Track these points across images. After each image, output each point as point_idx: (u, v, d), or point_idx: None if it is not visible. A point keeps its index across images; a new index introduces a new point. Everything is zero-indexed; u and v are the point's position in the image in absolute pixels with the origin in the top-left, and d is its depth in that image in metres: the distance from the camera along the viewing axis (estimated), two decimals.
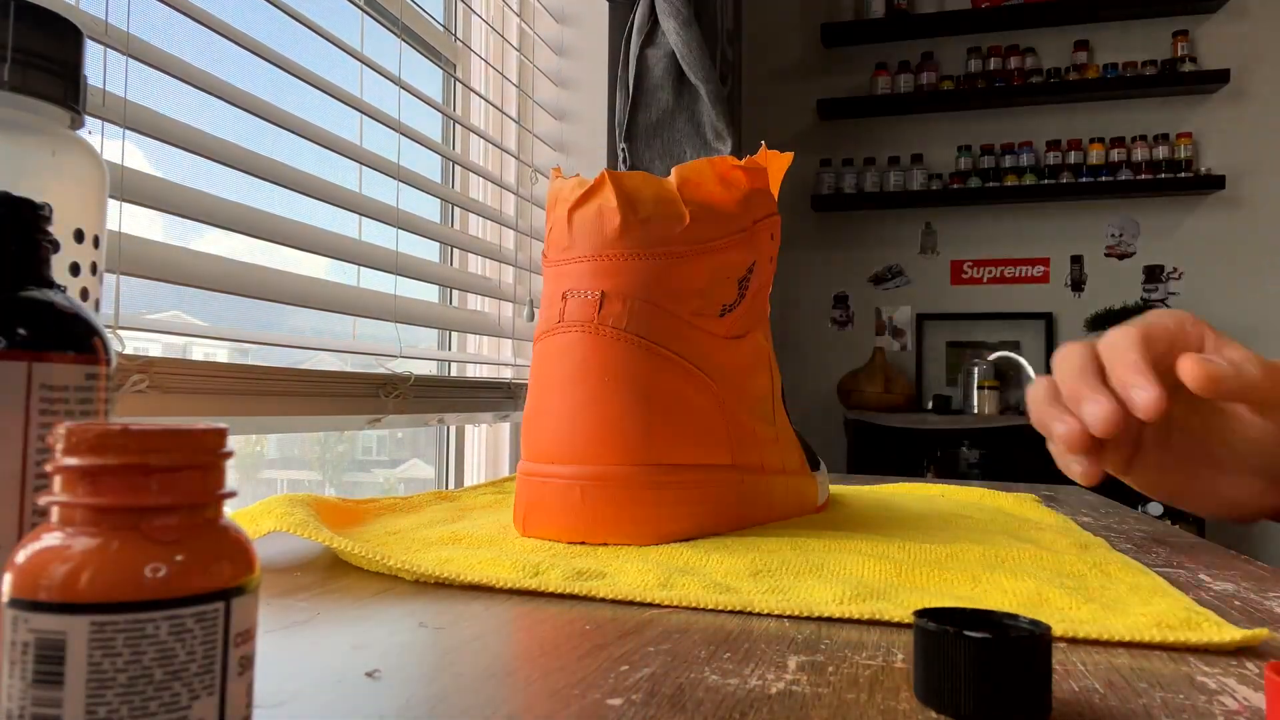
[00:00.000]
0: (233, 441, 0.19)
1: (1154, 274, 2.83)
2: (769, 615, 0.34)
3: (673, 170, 0.49)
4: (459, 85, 1.24)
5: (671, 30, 1.29)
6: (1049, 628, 0.24)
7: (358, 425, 0.85)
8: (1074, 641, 0.32)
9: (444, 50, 1.22)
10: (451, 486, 1.17)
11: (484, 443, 1.27)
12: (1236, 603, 0.38)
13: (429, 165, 1.18)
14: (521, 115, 1.30)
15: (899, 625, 0.33)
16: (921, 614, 0.25)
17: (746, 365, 0.51)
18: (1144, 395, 0.42)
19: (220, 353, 0.85)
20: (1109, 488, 2.27)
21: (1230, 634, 0.31)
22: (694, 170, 0.49)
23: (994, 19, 2.85)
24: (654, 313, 0.47)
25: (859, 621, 0.34)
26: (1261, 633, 0.31)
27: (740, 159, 0.53)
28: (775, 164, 0.56)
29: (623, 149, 1.28)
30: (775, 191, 0.56)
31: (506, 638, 0.31)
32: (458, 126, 1.23)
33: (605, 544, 0.46)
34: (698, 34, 1.29)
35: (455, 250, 1.19)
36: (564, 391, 0.47)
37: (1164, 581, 0.39)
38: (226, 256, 0.70)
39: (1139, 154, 2.78)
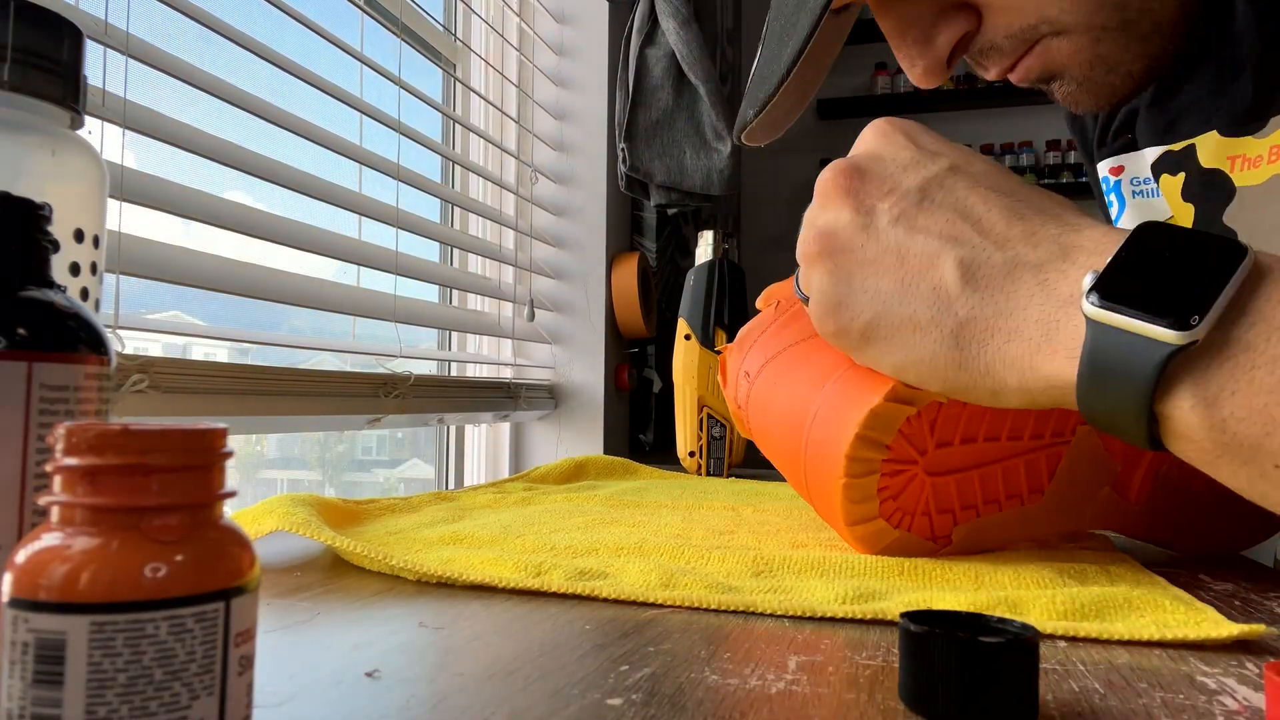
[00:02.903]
0: (233, 441, 0.19)
1: None
2: (769, 615, 0.34)
3: None
4: (459, 85, 1.24)
5: (671, 30, 1.28)
6: (1037, 632, 0.24)
7: (358, 425, 0.85)
8: (1074, 640, 0.32)
9: (444, 50, 1.22)
10: (451, 486, 1.17)
11: (484, 443, 1.27)
12: (1237, 602, 0.38)
13: (429, 165, 1.18)
14: (521, 115, 1.30)
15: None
16: (908, 616, 0.25)
17: None
18: None
19: (220, 353, 0.85)
20: None
21: (1228, 629, 0.31)
22: None
23: None
24: None
25: (859, 621, 0.34)
26: (1259, 627, 0.31)
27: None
28: None
29: (623, 149, 1.28)
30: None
31: (506, 638, 0.31)
32: (458, 126, 1.23)
33: None
34: (697, 34, 1.29)
35: (455, 250, 1.19)
36: None
37: (1165, 582, 0.39)
38: (226, 256, 0.70)
39: None
